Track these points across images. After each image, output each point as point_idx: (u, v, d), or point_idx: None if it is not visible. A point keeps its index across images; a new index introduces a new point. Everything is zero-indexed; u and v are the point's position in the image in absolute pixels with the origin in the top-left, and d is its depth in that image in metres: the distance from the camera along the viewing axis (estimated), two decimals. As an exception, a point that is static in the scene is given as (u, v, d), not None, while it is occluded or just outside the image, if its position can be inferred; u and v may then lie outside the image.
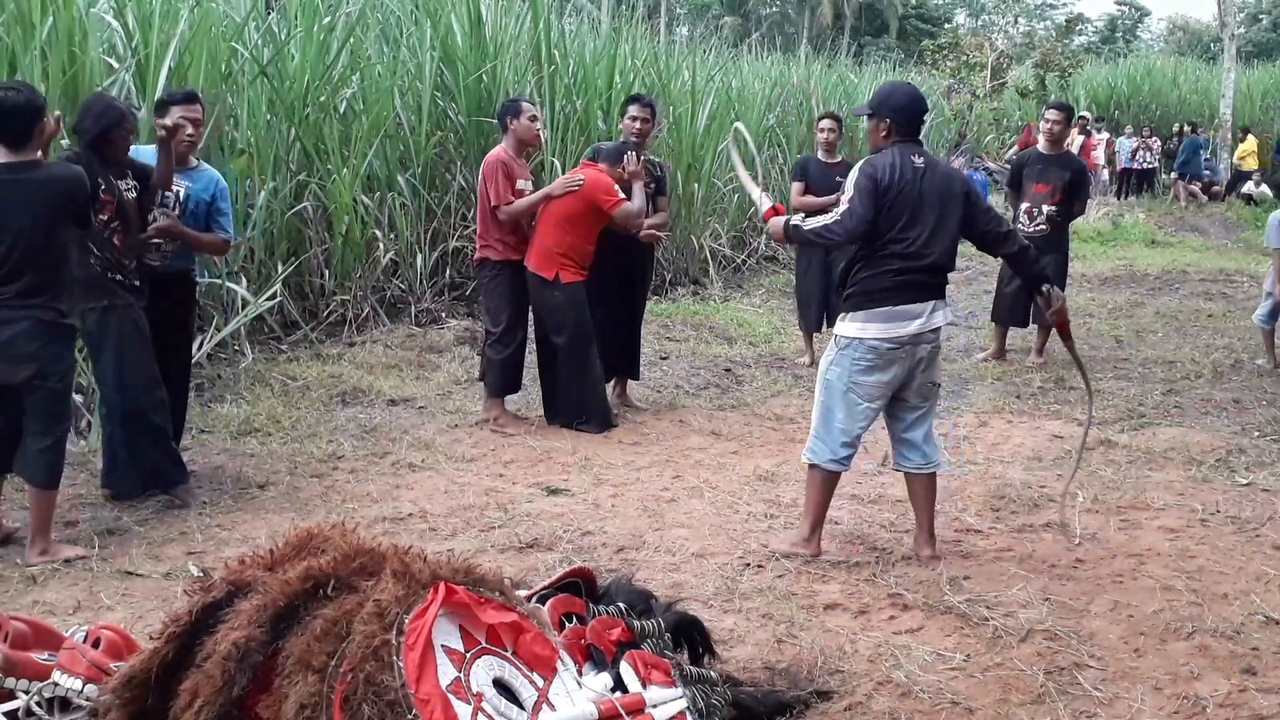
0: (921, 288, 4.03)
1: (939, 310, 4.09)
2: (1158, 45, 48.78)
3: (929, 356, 4.09)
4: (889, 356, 4.01)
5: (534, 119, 6.04)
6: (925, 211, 3.98)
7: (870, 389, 4.06)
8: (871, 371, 4.03)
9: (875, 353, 4.01)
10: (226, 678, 2.31)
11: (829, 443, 4.13)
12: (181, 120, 4.73)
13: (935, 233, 3.99)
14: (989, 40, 24.80)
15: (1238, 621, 3.63)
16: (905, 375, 4.07)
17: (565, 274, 5.95)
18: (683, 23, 33.74)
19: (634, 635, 2.83)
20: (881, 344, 4.00)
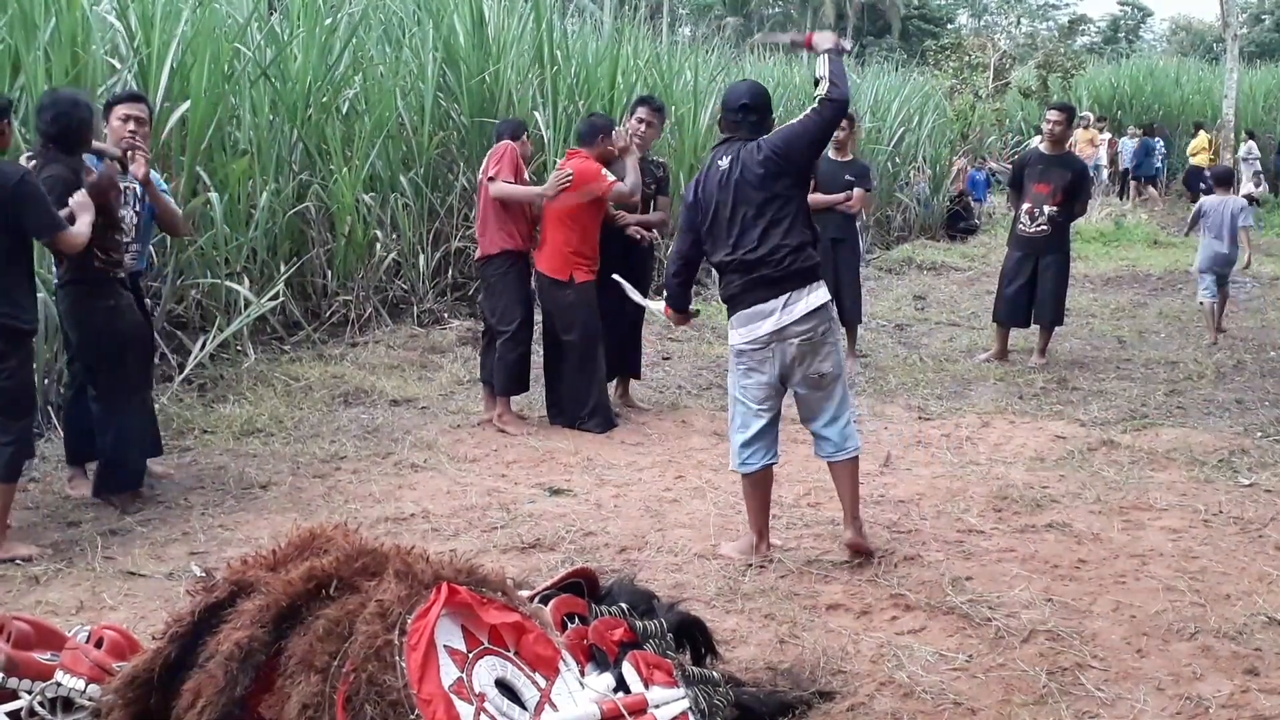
0: (768, 283, 3.97)
1: (799, 300, 3.96)
2: (1160, 46, 48.75)
3: (804, 349, 3.98)
4: (757, 357, 4.04)
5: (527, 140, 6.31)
6: (732, 206, 4.00)
7: (755, 390, 4.09)
8: (750, 374, 4.08)
9: (744, 355, 4.07)
10: (229, 678, 2.31)
11: (733, 448, 4.21)
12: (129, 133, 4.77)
13: (751, 223, 3.98)
14: (991, 41, 24.81)
15: (1240, 622, 3.62)
16: (782, 371, 4.04)
17: (579, 274, 5.98)
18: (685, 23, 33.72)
19: (636, 635, 2.83)
20: (747, 347, 4.05)
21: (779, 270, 3.98)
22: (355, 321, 8.03)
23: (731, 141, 4.10)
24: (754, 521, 4.22)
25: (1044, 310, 7.92)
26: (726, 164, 4.03)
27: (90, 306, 4.53)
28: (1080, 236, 13.76)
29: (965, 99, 20.17)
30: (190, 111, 6.79)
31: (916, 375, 7.53)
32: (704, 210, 4.08)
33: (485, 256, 6.12)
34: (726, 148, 4.09)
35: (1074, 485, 5.10)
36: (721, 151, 4.09)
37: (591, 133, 6.13)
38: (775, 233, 3.98)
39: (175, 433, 5.70)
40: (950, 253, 14.24)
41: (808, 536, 4.46)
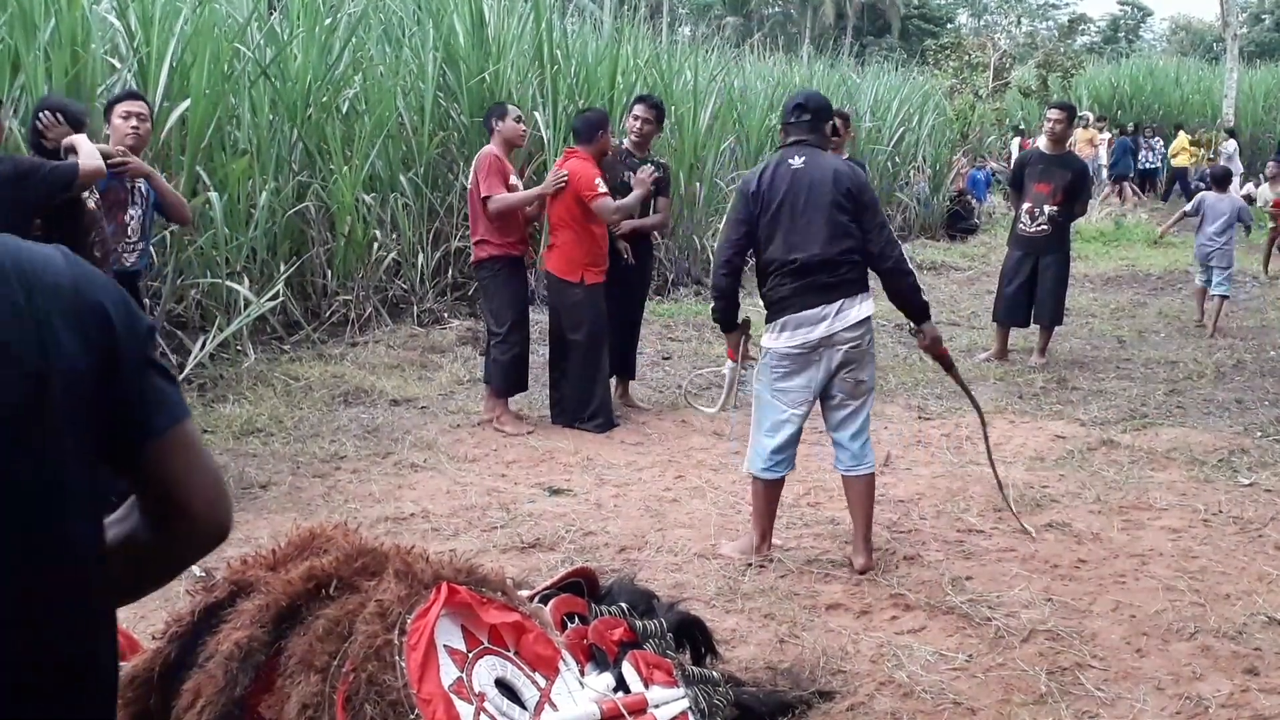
0: (823, 289, 3.97)
1: (851, 307, 3.99)
2: (1160, 45, 48.78)
3: (850, 356, 4.01)
4: (803, 361, 4.01)
5: (519, 119, 6.10)
6: (804, 210, 3.95)
7: (792, 394, 4.05)
8: (789, 377, 4.04)
9: (788, 359, 4.02)
10: (229, 677, 2.31)
11: (759, 452, 4.13)
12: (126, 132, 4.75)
13: (820, 229, 3.95)
14: (991, 40, 24.83)
15: (1240, 622, 3.62)
16: (825, 377, 4.03)
17: (589, 275, 6.00)
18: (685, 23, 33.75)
19: (636, 635, 2.83)
20: (792, 350, 4.00)
21: (835, 277, 3.99)
22: (355, 321, 8.03)
23: (802, 144, 4.07)
24: (759, 524, 4.20)
25: (1044, 310, 7.92)
26: (801, 164, 4.00)
27: None
28: (1080, 236, 13.76)
29: (965, 99, 20.20)
30: (190, 111, 6.79)
31: (916, 375, 7.53)
32: (766, 204, 4.00)
33: (478, 260, 6.14)
34: (798, 149, 4.05)
35: (1074, 485, 5.11)
36: (793, 152, 4.05)
37: (589, 129, 6.12)
38: (837, 241, 3.97)
39: (175, 432, 5.69)
40: (950, 252, 14.24)
41: (807, 536, 4.46)
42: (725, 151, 12.06)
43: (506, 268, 6.03)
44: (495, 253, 6.00)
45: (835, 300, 3.98)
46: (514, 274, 6.07)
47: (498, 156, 5.97)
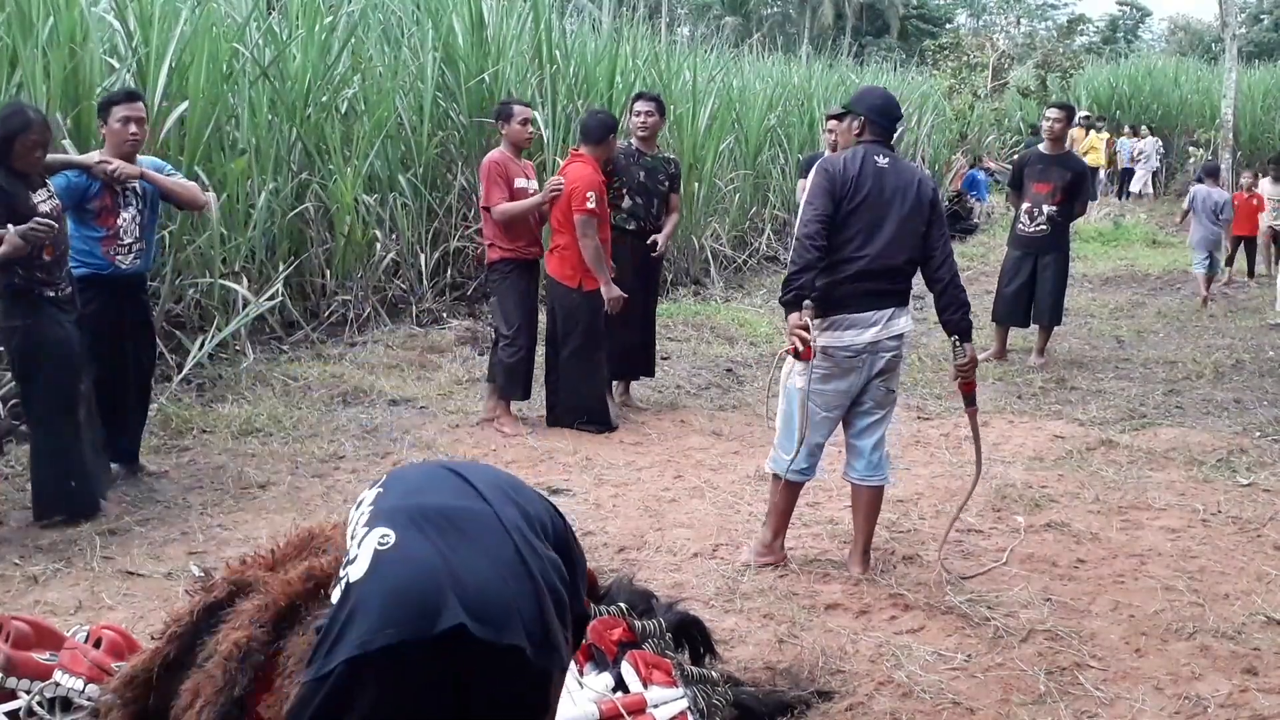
0: (881, 294, 3.92)
1: (900, 316, 3.97)
2: (1159, 45, 48.76)
3: (888, 364, 3.97)
4: (847, 365, 3.91)
5: (525, 122, 6.02)
6: (887, 213, 3.88)
7: (829, 397, 3.96)
8: (829, 380, 3.93)
9: (832, 360, 3.90)
10: (228, 677, 2.31)
11: (787, 454, 4.03)
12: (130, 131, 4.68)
13: (898, 235, 3.89)
14: (990, 40, 24.81)
15: (1239, 622, 3.62)
16: (863, 383, 3.97)
17: (587, 282, 5.93)
18: (684, 23, 33.73)
19: (635, 635, 2.83)
20: (839, 352, 3.90)
21: (896, 285, 3.96)
22: (354, 321, 8.03)
23: (882, 145, 3.99)
24: (776, 523, 4.14)
25: (1043, 310, 7.93)
26: (886, 164, 3.92)
27: (5, 325, 4.35)
28: (1079, 236, 13.76)
29: (964, 99, 20.18)
30: (189, 111, 6.78)
31: (915, 375, 7.53)
32: (850, 194, 3.86)
33: (489, 262, 6.13)
34: (880, 149, 3.97)
35: (1073, 485, 5.11)
36: (875, 150, 3.95)
37: (601, 130, 6.05)
38: (907, 249, 3.93)
39: (174, 432, 5.70)
40: (949, 252, 14.21)
41: (807, 536, 4.47)
42: (724, 152, 12.05)
43: (516, 270, 5.98)
44: (505, 255, 5.97)
45: (889, 307, 3.93)
46: (523, 277, 6.02)
47: (498, 162, 5.91)
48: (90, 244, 4.70)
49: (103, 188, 4.68)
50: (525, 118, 6.04)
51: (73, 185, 4.63)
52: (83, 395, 4.50)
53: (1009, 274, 8.02)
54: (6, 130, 4.21)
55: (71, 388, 4.45)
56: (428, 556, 1.82)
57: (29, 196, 4.28)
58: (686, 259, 11.29)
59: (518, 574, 1.85)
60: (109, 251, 4.74)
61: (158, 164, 5.05)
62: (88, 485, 4.57)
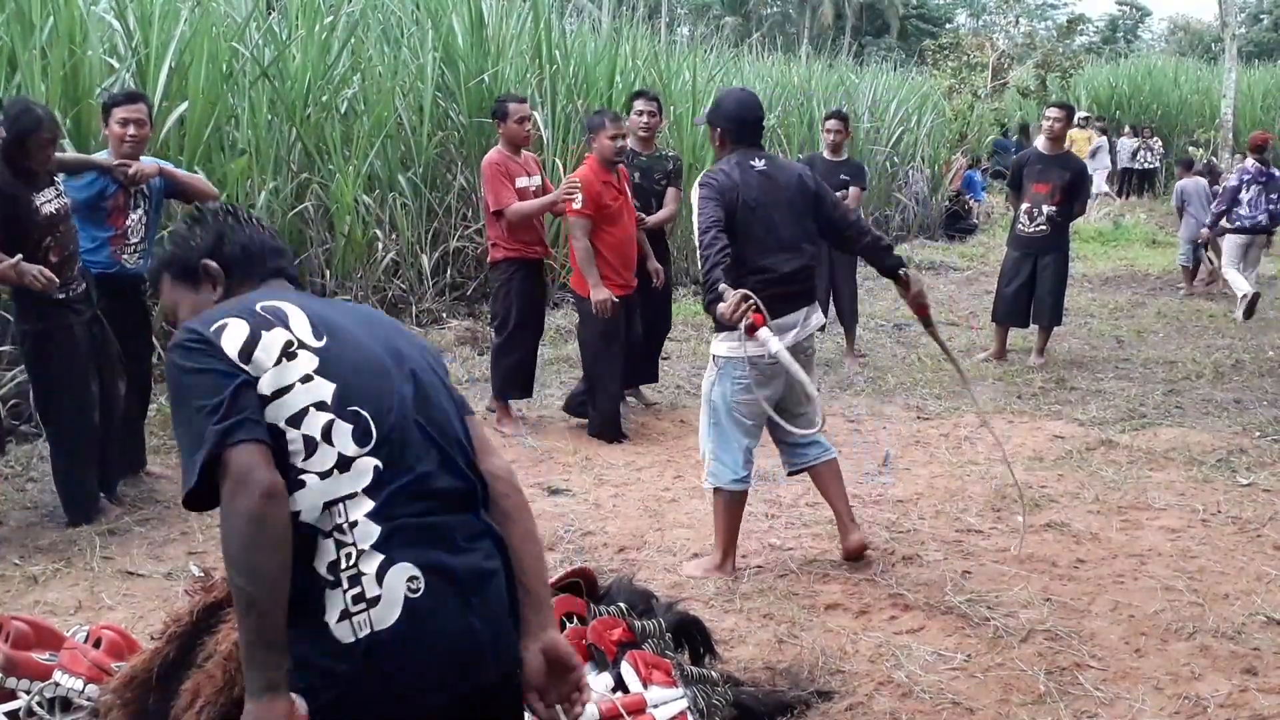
0: (792, 297, 3.91)
1: (813, 314, 4.00)
2: (1159, 45, 48.75)
3: (807, 362, 3.99)
4: (770, 372, 3.85)
5: (522, 120, 5.95)
6: (778, 215, 3.88)
7: (753, 406, 3.92)
8: (752, 389, 3.88)
9: (755, 369, 3.84)
10: (228, 677, 2.31)
11: (729, 464, 3.99)
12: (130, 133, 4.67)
13: (793, 236, 3.90)
14: (990, 40, 24.80)
15: (1239, 622, 3.62)
16: (785, 387, 3.94)
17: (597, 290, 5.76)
18: (683, 23, 33.72)
19: (635, 635, 2.83)
20: (760, 360, 3.79)
21: (804, 285, 3.97)
22: (354, 321, 8.02)
23: (755, 149, 3.99)
24: (725, 541, 4.07)
25: (1042, 310, 7.92)
26: (764, 166, 3.92)
27: (17, 329, 4.40)
28: (1079, 236, 13.76)
29: (964, 99, 20.17)
30: (189, 111, 6.78)
31: (915, 375, 7.53)
32: (742, 208, 3.84)
33: (492, 261, 6.12)
34: (755, 153, 3.97)
35: (1072, 485, 5.11)
36: (752, 154, 3.94)
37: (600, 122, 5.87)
38: (807, 248, 3.95)
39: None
40: (949, 252, 14.24)
41: (806, 536, 4.46)
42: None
43: (521, 270, 5.94)
44: (509, 255, 5.93)
45: (802, 307, 3.95)
46: (526, 277, 5.97)
47: (498, 162, 5.87)
48: (98, 243, 4.69)
49: (118, 188, 4.69)
50: (522, 115, 5.98)
51: (93, 184, 4.64)
52: (95, 397, 4.49)
53: (1009, 274, 8.01)
54: (19, 129, 4.18)
55: (83, 390, 4.45)
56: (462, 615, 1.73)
57: (31, 199, 4.24)
58: (686, 258, 11.29)
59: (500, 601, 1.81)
60: (116, 251, 4.74)
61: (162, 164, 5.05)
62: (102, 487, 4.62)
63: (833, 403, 6.78)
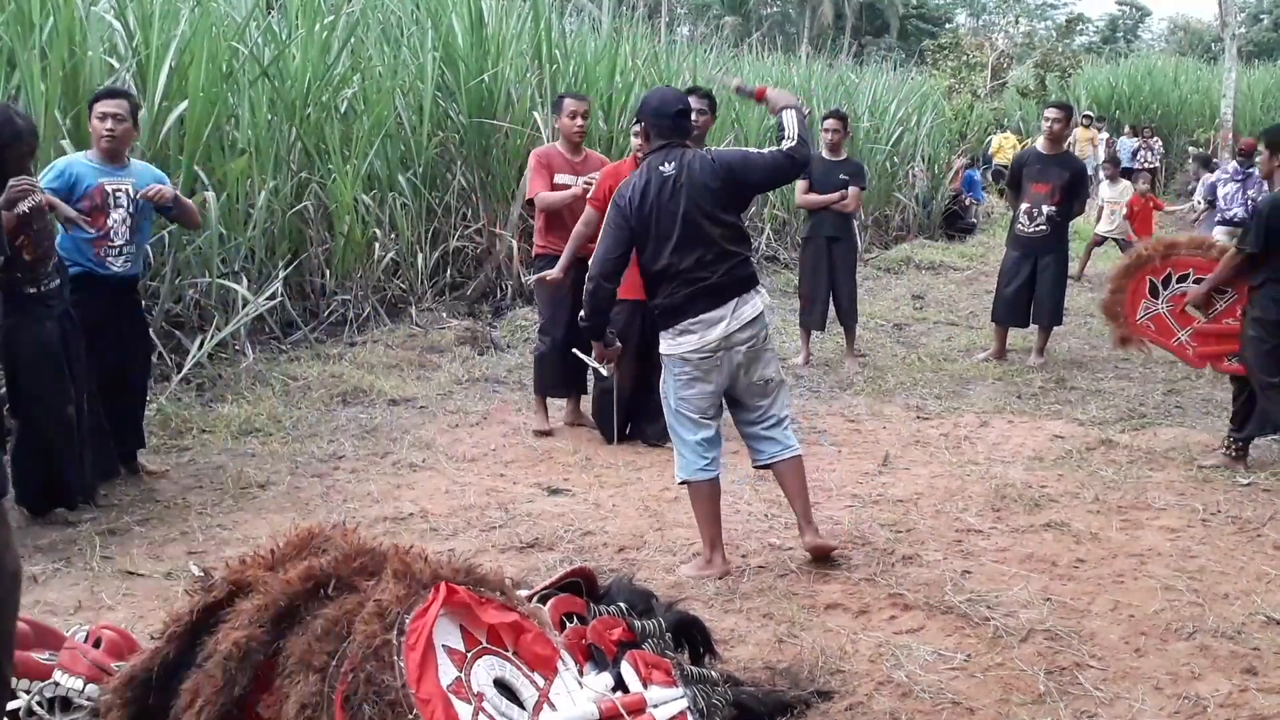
0: (716, 291, 3.92)
1: (745, 304, 3.96)
2: (1159, 45, 48.78)
3: (750, 356, 3.98)
4: (704, 366, 3.94)
5: (574, 115, 5.85)
6: (683, 216, 3.89)
7: (698, 400, 3.99)
8: (693, 383, 3.96)
9: (690, 365, 3.94)
10: (227, 677, 2.31)
11: (690, 455, 4.04)
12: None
13: (699, 233, 3.91)
14: (989, 40, 24.84)
15: (1239, 621, 3.62)
16: (728, 380, 3.98)
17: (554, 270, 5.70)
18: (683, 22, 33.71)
19: (635, 635, 2.83)
20: (693, 355, 3.93)
21: (726, 278, 3.95)
22: (353, 321, 8.03)
23: (670, 148, 4.00)
24: (708, 533, 4.07)
25: (1042, 310, 7.92)
26: (672, 170, 3.93)
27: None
28: (1079, 236, 13.74)
29: (963, 98, 20.20)
30: (188, 111, 6.78)
31: (915, 375, 7.53)
32: (644, 216, 3.92)
33: (534, 256, 6.07)
34: (666, 154, 3.97)
35: (1072, 485, 5.11)
36: (660, 159, 3.96)
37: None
38: (724, 242, 3.95)
39: (173, 432, 5.70)
40: (949, 252, 14.24)
41: (806, 536, 4.46)
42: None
43: (550, 266, 5.81)
44: (540, 251, 5.95)
45: (728, 300, 3.94)
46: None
47: (543, 153, 5.89)
48: (81, 244, 4.66)
49: (92, 187, 4.63)
50: (574, 110, 5.86)
51: (60, 176, 4.59)
52: (70, 395, 4.45)
53: (1008, 274, 8.01)
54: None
55: (56, 387, 4.40)
56: None
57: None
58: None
59: None
60: (100, 252, 4.71)
61: (158, 175, 5.01)
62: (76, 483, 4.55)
63: (832, 402, 6.79)
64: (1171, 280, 5.73)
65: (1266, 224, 5.15)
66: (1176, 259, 5.74)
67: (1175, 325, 5.72)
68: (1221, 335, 5.51)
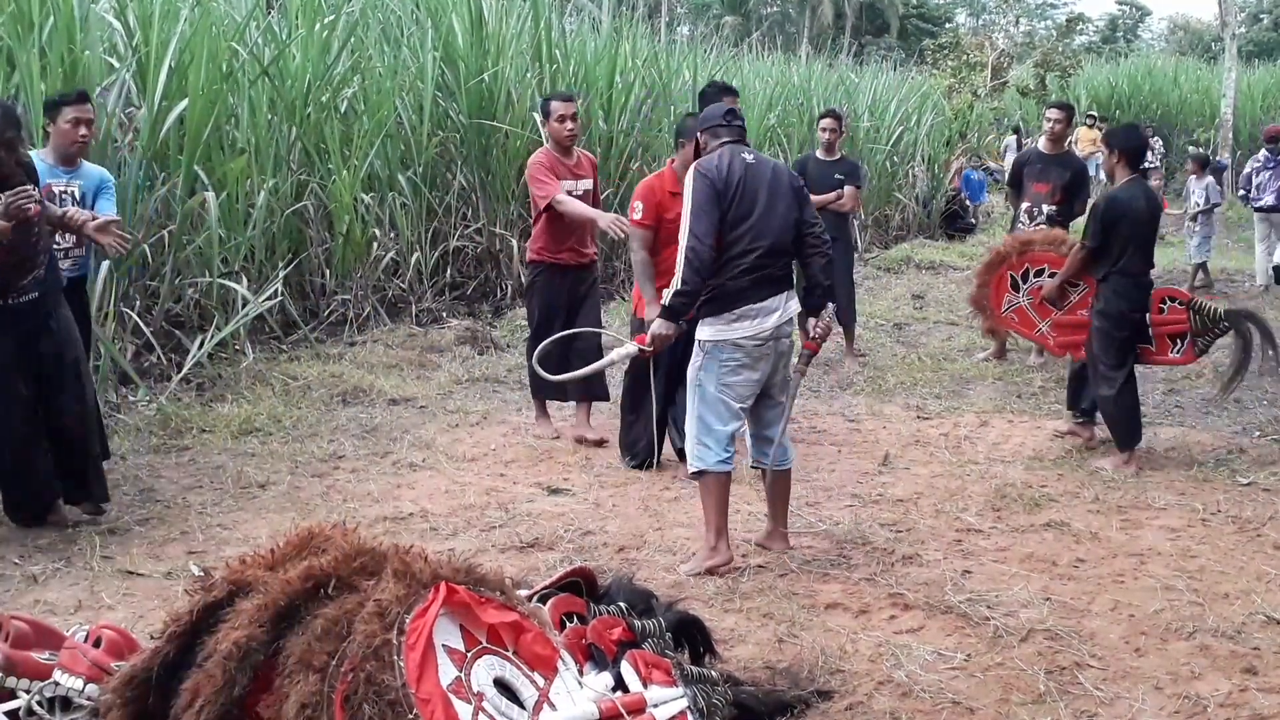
0: (774, 281, 4.04)
1: (791, 300, 4.10)
2: (1159, 45, 48.78)
3: (787, 348, 4.15)
4: (757, 354, 4.02)
5: (563, 118, 5.68)
6: (763, 204, 3.99)
7: (742, 388, 4.05)
8: (741, 370, 4.02)
9: (742, 351, 4.00)
10: (227, 677, 2.31)
11: (714, 446, 4.06)
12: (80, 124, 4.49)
13: (777, 224, 4.02)
14: (990, 40, 24.82)
15: (1239, 621, 3.62)
16: (770, 370, 4.09)
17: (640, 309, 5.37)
18: (683, 22, 33.69)
19: (635, 635, 2.83)
20: (748, 341, 3.99)
21: (783, 271, 4.08)
22: (353, 320, 8.03)
23: (738, 144, 4.11)
24: (717, 522, 4.11)
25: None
26: (753, 159, 4.06)
27: None
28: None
29: (963, 98, 20.18)
30: (188, 110, 6.77)
31: (915, 374, 7.53)
32: (730, 193, 3.97)
33: (527, 260, 5.97)
34: (740, 146, 4.10)
35: (1072, 484, 5.11)
36: (736, 150, 4.07)
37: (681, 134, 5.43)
38: (789, 233, 4.06)
39: (173, 432, 5.70)
40: (948, 252, 14.24)
41: (806, 536, 4.46)
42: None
43: (544, 274, 5.74)
44: (534, 257, 5.80)
45: (782, 292, 4.06)
46: (550, 282, 5.73)
47: (542, 161, 5.67)
48: None
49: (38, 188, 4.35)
50: (562, 113, 5.69)
51: None
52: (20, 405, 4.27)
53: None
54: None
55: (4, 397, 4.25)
56: None
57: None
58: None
59: None
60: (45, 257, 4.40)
61: (105, 175, 4.86)
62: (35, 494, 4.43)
63: (832, 402, 6.79)
64: (1030, 275, 6.02)
65: (1103, 220, 5.41)
66: (1032, 255, 6.06)
67: (1036, 316, 6.02)
68: (1077, 325, 5.77)
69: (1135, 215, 5.34)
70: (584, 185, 5.80)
